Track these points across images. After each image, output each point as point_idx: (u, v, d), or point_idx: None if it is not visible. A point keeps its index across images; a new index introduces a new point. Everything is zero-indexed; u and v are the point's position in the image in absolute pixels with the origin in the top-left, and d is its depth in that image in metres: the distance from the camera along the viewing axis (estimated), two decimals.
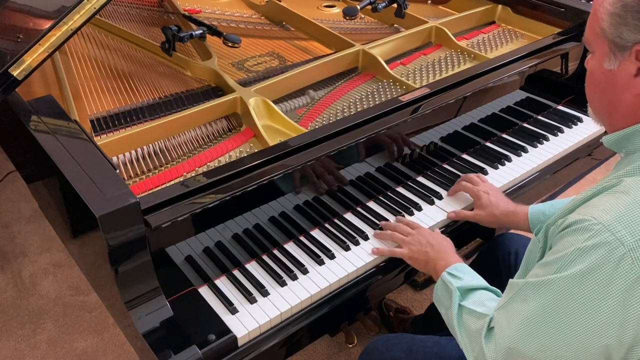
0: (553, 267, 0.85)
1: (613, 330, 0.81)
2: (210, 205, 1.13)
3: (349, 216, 1.40)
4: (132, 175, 1.29)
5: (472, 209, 1.41)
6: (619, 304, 0.80)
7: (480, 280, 1.13)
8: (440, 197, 1.45)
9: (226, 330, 1.10)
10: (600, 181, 0.92)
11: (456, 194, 1.45)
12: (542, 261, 0.90)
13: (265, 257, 1.27)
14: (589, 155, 1.74)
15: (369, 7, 1.86)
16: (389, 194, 1.47)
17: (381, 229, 1.35)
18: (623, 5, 0.84)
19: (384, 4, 1.86)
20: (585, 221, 0.82)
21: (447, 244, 1.26)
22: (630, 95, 0.88)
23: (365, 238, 1.33)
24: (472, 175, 1.46)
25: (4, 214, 2.54)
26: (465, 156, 1.62)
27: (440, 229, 1.40)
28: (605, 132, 0.98)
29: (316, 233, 1.34)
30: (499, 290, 1.11)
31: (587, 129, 1.74)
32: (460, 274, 1.13)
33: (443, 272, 1.15)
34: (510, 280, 0.96)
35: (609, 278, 0.79)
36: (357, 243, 1.31)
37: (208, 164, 1.33)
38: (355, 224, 1.37)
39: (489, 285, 1.12)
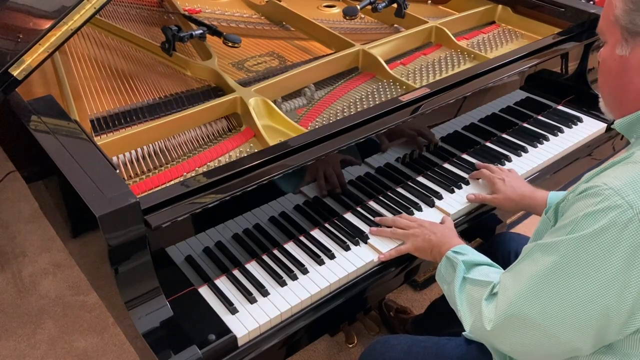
0: (563, 230, 0.87)
1: (614, 292, 0.82)
2: (210, 205, 1.13)
3: (349, 216, 1.39)
4: (132, 175, 1.29)
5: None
6: (622, 265, 0.81)
7: (484, 258, 1.15)
8: (440, 197, 1.45)
9: (226, 330, 1.10)
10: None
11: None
12: (553, 228, 0.92)
13: (265, 257, 1.27)
14: (589, 155, 1.74)
15: (369, 7, 1.86)
16: (389, 194, 1.47)
17: (378, 225, 1.35)
18: None
19: (384, 4, 1.86)
20: (596, 187, 0.85)
21: (448, 230, 1.27)
22: None
23: (366, 238, 1.32)
24: (492, 165, 1.51)
25: (4, 214, 2.55)
26: (465, 156, 1.62)
27: None
28: (610, 129, 0.99)
29: (316, 233, 1.34)
30: (501, 268, 1.12)
31: (587, 129, 1.74)
32: (465, 251, 1.15)
33: (447, 251, 1.16)
34: (524, 246, 0.98)
35: (616, 239, 0.81)
36: (357, 243, 1.31)
37: (208, 164, 1.33)
38: (355, 224, 1.37)
39: (493, 262, 1.13)
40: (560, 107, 1.85)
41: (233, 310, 1.14)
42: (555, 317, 0.87)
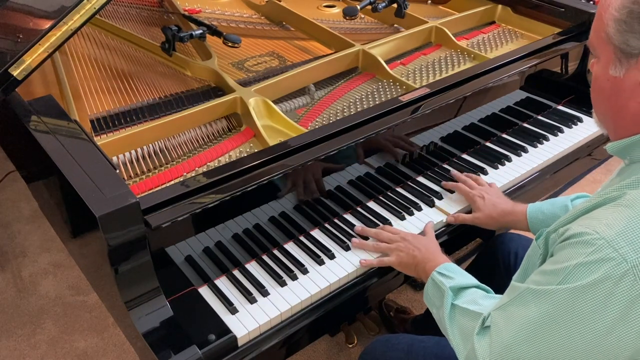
0: (554, 278, 0.85)
1: (609, 345, 0.81)
2: (210, 205, 1.13)
3: (348, 216, 1.40)
4: (132, 175, 1.29)
5: (471, 210, 1.42)
6: (617, 318, 0.80)
7: (471, 279, 1.13)
8: (440, 197, 1.45)
9: (226, 330, 1.10)
10: (602, 189, 0.91)
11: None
12: (543, 268, 0.90)
13: (265, 257, 1.27)
14: (589, 155, 1.74)
15: (369, 7, 1.86)
16: (389, 194, 1.47)
17: (377, 226, 1.34)
18: (629, 11, 0.83)
19: (384, 4, 1.86)
20: (587, 234, 0.82)
21: (432, 245, 1.25)
22: (635, 103, 0.86)
23: (365, 238, 1.32)
24: (469, 179, 1.46)
25: (4, 214, 2.55)
26: (465, 156, 1.62)
27: (440, 229, 1.40)
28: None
29: (316, 233, 1.34)
30: (489, 288, 1.11)
31: (587, 129, 1.74)
32: (451, 273, 1.13)
33: (433, 272, 1.14)
34: (512, 282, 0.96)
35: (610, 293, 0.79)
36: None
37: (208, 164, 1.33)
38: (355, 224, 1.36)
39: (480, 283, 1.12)
40: (560, 107, 1.85)
41: (233, 310, 1.14)
42: None
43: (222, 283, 1.21)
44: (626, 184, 0.87)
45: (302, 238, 1.32)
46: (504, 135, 1.71)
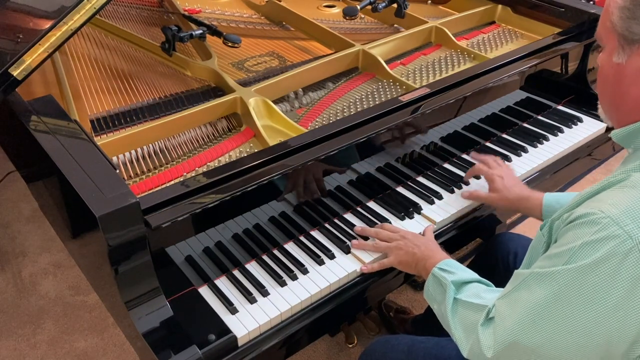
0: (559, 260, 0.85)
1: (616, 322, 0.81)
2: (210, 205, 1.13)
3: (348, 216, 1.40)
4: (132, 175, 1.29)
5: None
6: (623, 296, 0.80)
7: (472, 274, 1.13)
8: (440, 197, 1.45)
9: (226, 330, 1.10)
10: (607, 177, 0.91)
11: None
12: (547, 253, 0.90)
13: (265, 257, 1.27)
14: (589, 155, 1.74)
15: (369, 7, 1.86)
16: (389, 194, 1.47)
17: (378, 224, 1.34)
18: None
19: (384, 4, 1.87)
20: (592, 214, 0.83)
21: (432, 242, 1.26)
22: (637, 89, 0.88)
23: (365, 238, 1.32)
24: (489, 159, 1.47)
25: (4, 214, 2.55)
26: (465, 156, 1.62)
27: (441, 228, 1.40)
28: (610, 129, 0.97)
29: (316, 233, 1.34)
30: (491, 283, 1.11)
31: (587, 129, 1.75)
32: (452, 268, 1.14)
33: (434, 268, 1.14)
34: (516, 271, 0.97)
35: (615, 271, 0.80)
36: None
37: (208, 164, 1.33)
38: (355, 224, 1.36)
39: (481, 278, 1.12)
40: (560, 107, 1.85)
41: (233, 310, 1.14)
42: (557, 347, 0.86)
43: (222, 283, 1.21)
44: (631, 167, 0.88)
45: (302, 238, 1.32)
46: (504, 135, 1.71)
